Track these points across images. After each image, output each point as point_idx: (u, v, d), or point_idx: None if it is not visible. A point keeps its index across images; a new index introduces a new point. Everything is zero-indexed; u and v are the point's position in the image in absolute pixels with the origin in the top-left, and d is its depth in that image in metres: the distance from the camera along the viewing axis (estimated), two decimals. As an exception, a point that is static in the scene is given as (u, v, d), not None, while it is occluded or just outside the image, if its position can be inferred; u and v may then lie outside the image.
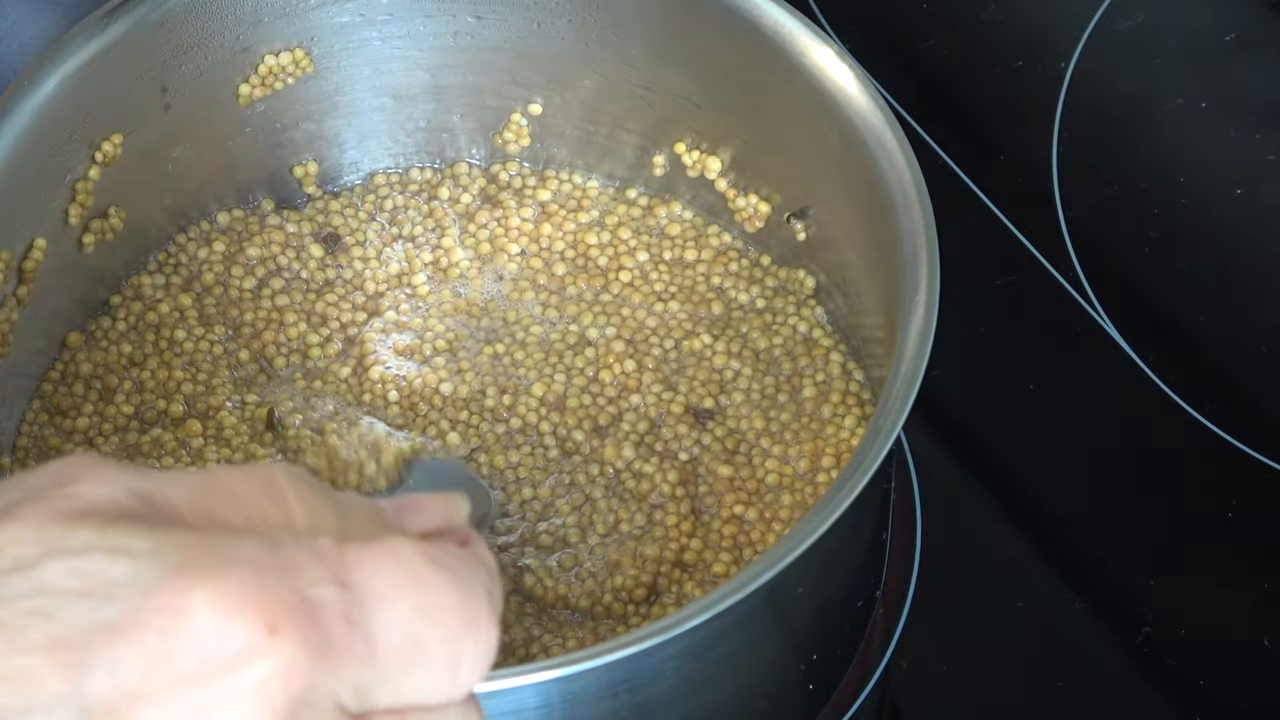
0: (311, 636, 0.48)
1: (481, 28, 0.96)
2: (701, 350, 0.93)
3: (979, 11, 1.14)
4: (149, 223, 0.95)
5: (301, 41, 0.95)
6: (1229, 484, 0.97)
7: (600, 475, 0.89)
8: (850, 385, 0.91)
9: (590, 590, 0.86)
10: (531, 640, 0.85)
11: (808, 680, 0.87)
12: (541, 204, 0.98)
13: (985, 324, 1.02)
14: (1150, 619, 0.94)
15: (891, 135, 0.85)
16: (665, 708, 0.79)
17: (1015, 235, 1.05)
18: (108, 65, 0.89)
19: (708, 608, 0.73)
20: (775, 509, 0.88)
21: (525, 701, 0.75)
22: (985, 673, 0.94)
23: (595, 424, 0.91)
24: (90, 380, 0.93)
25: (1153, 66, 1.11)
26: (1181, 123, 1.10)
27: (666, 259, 0.96)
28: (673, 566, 0.87)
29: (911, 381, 0.78)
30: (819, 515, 0.75)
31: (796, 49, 0.89)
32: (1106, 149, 1.08)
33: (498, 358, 0.93)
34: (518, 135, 0.99)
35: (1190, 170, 1.08)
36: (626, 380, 0.92)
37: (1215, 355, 1.02)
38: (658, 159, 0.97)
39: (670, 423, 0.91)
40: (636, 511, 0.88)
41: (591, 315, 0.94)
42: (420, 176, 0.99)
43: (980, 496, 0.99)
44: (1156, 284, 1.04)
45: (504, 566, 0.87)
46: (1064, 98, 1.09)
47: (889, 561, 0.93)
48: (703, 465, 0.90)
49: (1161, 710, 0.93)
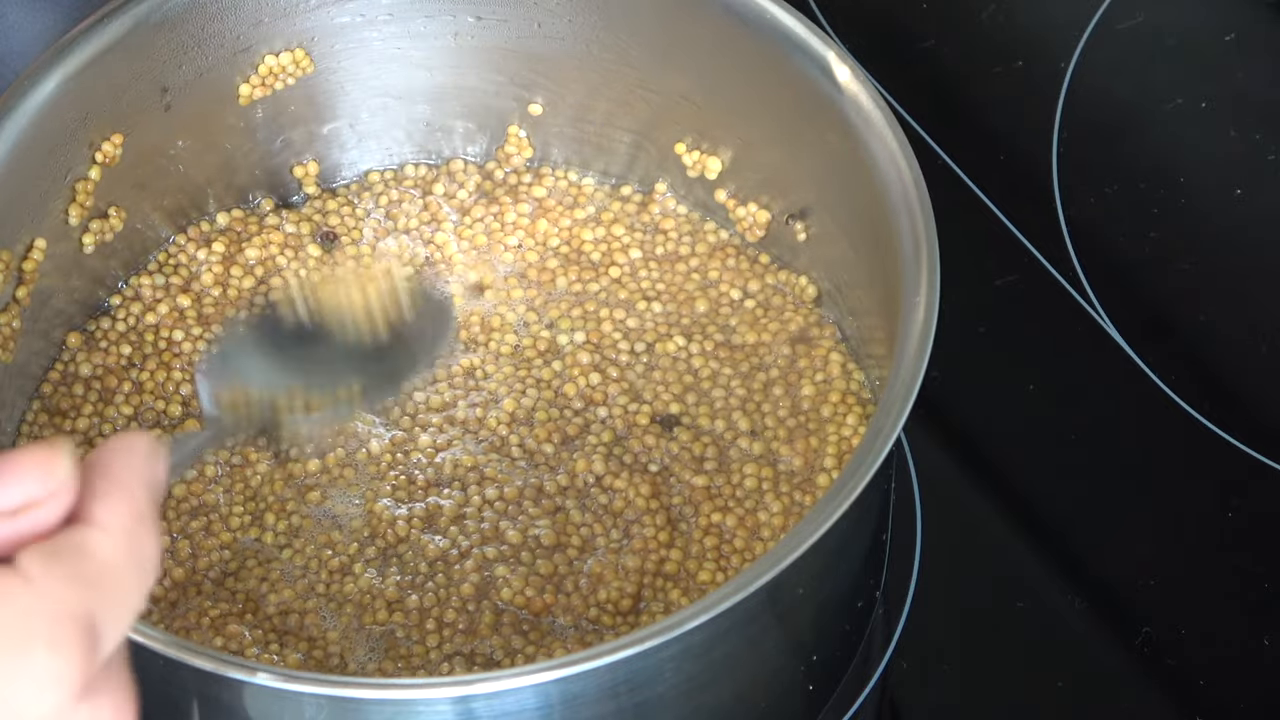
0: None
1: (481, 28, 0.96)
2: (675, 353, 0.93)
3: (979, 11, 1.14)
4: (149, 223, 0.95)
5: (301, 41, 0.95)
6: (1229, 484, 0.97)
7: (571, 487, 0.89)
8: (850, 385, 0.91)
9: (574, 605, 0.86)
10: (514, 652, 0.85)
11: (808, 681, 0.87)
12: (538, 200, 0.98)
13: (985, 324, 1.02)
14: (1150, 619, 0.94)
15: (891, 135, 0.85)
16: (665, 708, 0.79)
17: (1015, 235, 1.05)
18: (108, 65, 0.89)
19: (708, 608, 0.73)
20: (755, 514, 0.88)
21: (525, 702, 0.75)
22: (985, 673, 0.94)
23: (564, 435, 0.91)
24: (90, 381, 0.93)
25: (1153, 66, 1.11)
26: (1181, 123, 1.10)
27: (658, 254, 0.96)
28: (655, 576, 0.87)
29: (912, 381, 0.78)
30: (819, 515, 0.75)
31: (797, 49, 0.89)
32: (1106, 149, 1.08)
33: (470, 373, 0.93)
34: (519, 147, 0.99)
35: (1190, 170, 1.08)
36: (592, 394, 0.92)
37: (1215, 355, 1.02)
38: (657, 158, 0.97)
39: (637, 434, 0.91)
40: (612, 527, 0.88)
41: (569, 321, 0.94)
42: (415, 173, 0.99)
43: (980, 496, 0.99)
44: (1156, 284, 1.04)
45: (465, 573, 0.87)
46: (1064, 98, 1.09)
47: (889, 561, 0.93)
48: (674, 475, 0.90)
49: (1161, 710, 0.93)
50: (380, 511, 0.89)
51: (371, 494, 0.90)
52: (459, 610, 0.86)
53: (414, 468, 0.90)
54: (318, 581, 0.87)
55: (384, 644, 0.86)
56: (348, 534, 0.89)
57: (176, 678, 0.77)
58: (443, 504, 0.89)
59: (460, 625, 0.86)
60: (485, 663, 0.85)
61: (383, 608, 0.86)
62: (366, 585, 0.87)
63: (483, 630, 0.86)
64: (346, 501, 0.90)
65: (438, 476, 0.90)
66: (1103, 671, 0.93)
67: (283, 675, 0.75)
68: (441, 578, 0.87)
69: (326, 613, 0.87)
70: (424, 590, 0.87)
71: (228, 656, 0.75)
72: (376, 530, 0.88)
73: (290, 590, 0.87)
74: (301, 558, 0.88)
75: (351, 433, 0.91)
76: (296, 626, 0.86)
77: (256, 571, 0.88)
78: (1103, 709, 0.92)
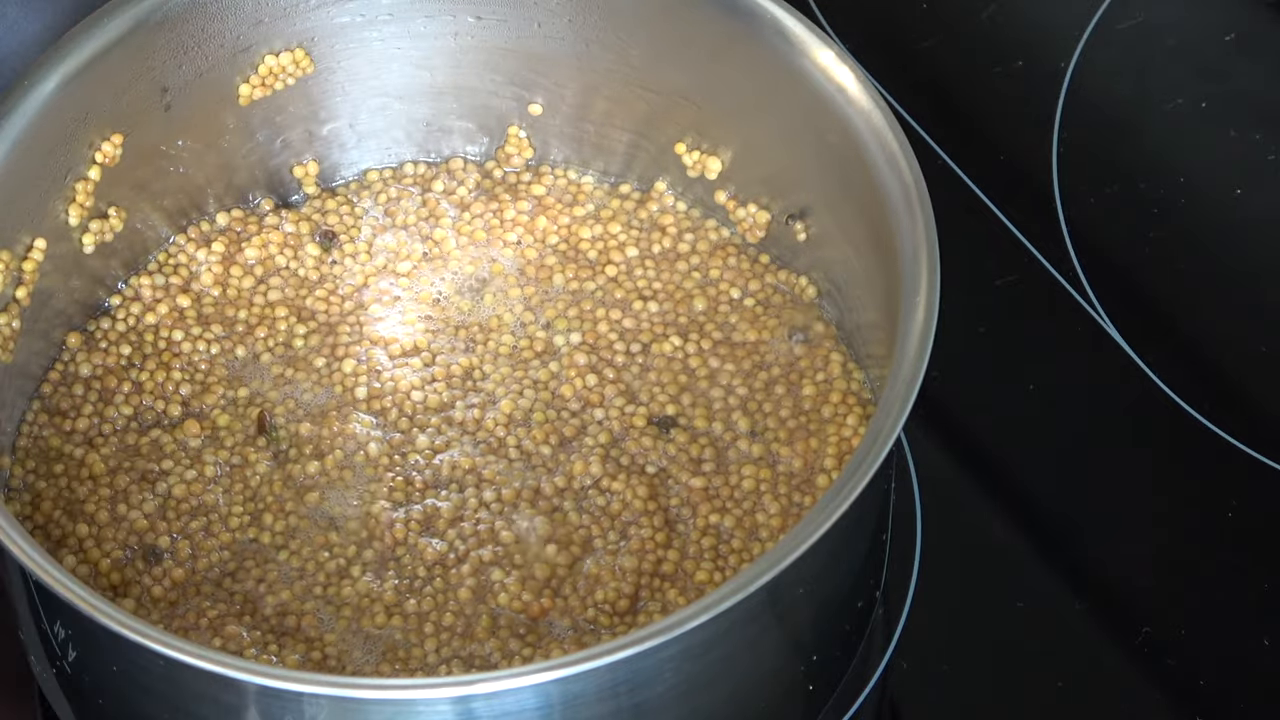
0: None
1: (481, 28, 0.96)
2: (672, 353, 0.93)
3: (979, 11, 1.14)
4: (149, 223, 0.95)
5: (301, 41, 0.95)
6: (1229, 484, 0.97)
7: (568, 489, 0.89)
8: (851, 385, 0.91)
9: (572, 606, 0.86)
10: (512, 654, 0.85)
11: (808, 681, 0.87)
12: (537, 198, 0.98)
13: (985, 324, 1.02)
14: (1150, 619, 0.94)
15: (891, 135, 0.85)
16: (665, 709, 0.79)
17: (1015, 235, 1.05)
18: (108, 65, 0.89)
19: (708, 608, 0.73)
20: (754, 515, 0.88)
21: (525, 702, 0.75)
22: (985, 673, 0.94)
23: (561, 437, 0.91)
24: (90, 381, 0.93)
25: (1153, 66, 1.11)
26: (1181, 123, 1.10)
27: (655, 253, 0.96)
28: (652, 577, 0.87)
29: (912, 381, 0.78)
30: (819, 515, 0.75)
31: (796, 49, 0.89)
32: (1106, 149, 1.08)
33: (468, 372, 0.93)
34: (519, 148, 0.99)
35: (1190, 170, 1.08)
36: (589, 395, 0.92)
37: (1215, 355, 1.02)
38: (656, 158, 0.97)
39: (634, 435, 0.91)
40: (609, 529, 0.88)
41: (566, 321, 0.94)
42: (414, 171, 0.99)
43: (980, 496, 0.99)
44: (1156, 284, 1.04)
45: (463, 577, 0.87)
46: (1064, 98, 1.09)
47: (889, 561, 0.93)
48: (671, 477, 0.90)
49: (1161, 710, 0.93)
50: (378, 514, 0.89)
51: (369, 496, 0.90)
52: (457, 614, 0.86)
53: (412, 469, 0.90)
54: (316, 583, 0.87)
55: (382, 646, 0.86)
56: (345, 536, 0.89)
57: (176, 677, 0.77)
58: (440, 506, 0.89)
59: (458, 629, 0.86)
60: (483, 665, 0.85)
61: (381, 611, 0.86)
62: (365, 588, 0.87)
63: (480, 633, 0.86)
64: (344, 503, 0.90)
65: (435, 479, 0.90)
66: (1103, 671, 0.93)
67: (282, 675, 0.75)
68: (440, 582, 0.87)
69: (325, 614, 0.87)
70: (422, 595, 0.87)
71: (227, 657, 0.75)
72: (374, 533, 0.88)
73: (288, 591, 0.87)
74: (299, 559, 0.88)
75: (350, 434, 0.91)
76: (294, 627, 0.86)
77: (255, 572, 0.88)
78: (1103, 709, 0.92)
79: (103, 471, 0.90)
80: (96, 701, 0.84)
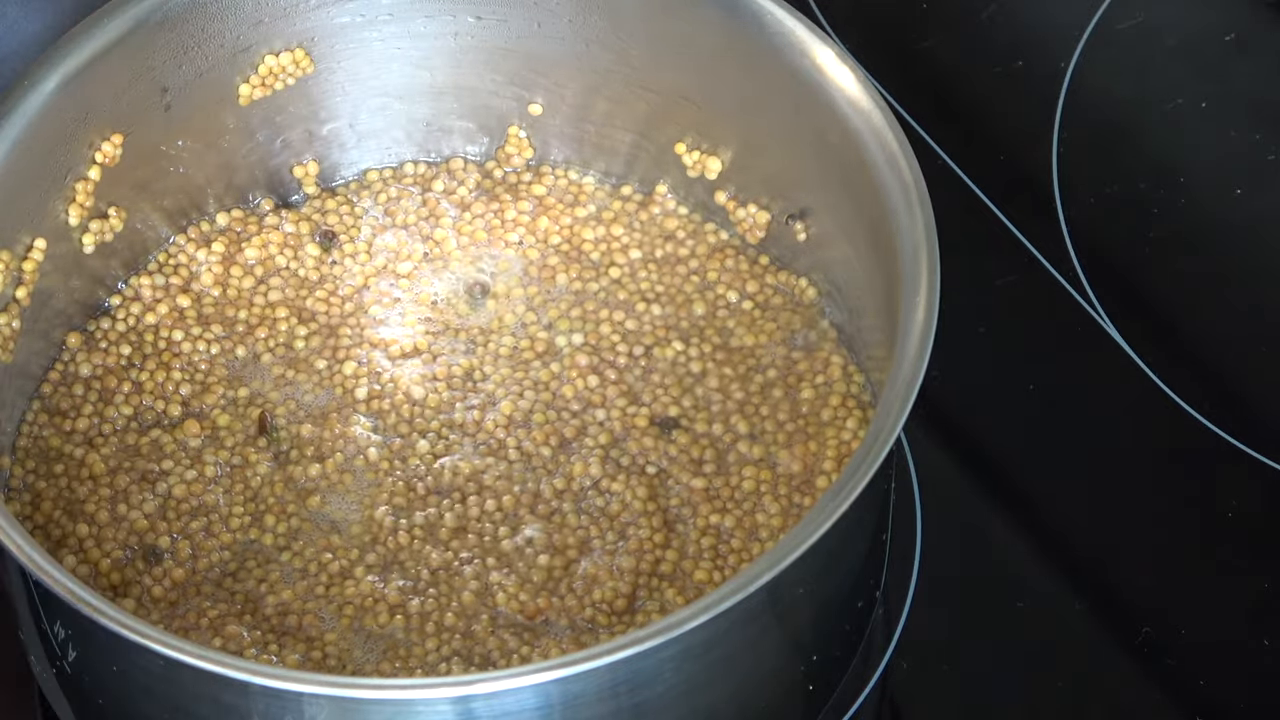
0: None
1: (481, 28, 0.96)
2: (674, 356, 0.93)
3: (979, 11, 1.14)
4: (149, 223, 0.95)
5: (301, 41, 0.95)
6: (1229, 484, 0.97)
7: (568, 490, 0.89)
8: (851, 388, 0.91)
9: (569, 606, 0.86)
10: (510, 653, 0.85)
11: (808, 681, 0.87)
12: (538, 198, 0.98)
13: (985, 324, 1.02)
14: (1150, 619, 0.94)
15: (891, 135, 0.85)
16: (665, 709, 0.79)
17: (1015, 235, 1.05)
18: (108, 65, 0.89)
19: (708, 608, 0.73)
20: (754, 515, 0.88)
21: (525, 702, 0.75)
22: (985, 673, 0.94)
23: (562, 438, 0.91)
24: (90, 381, 0.93)
25: (1153, 66, 1.11)
26: (1181, 123, 1.10)
27: (658, 256, 0.96)
28: (650, 576, 0.87)
29: (912, 382, 0.78)
30: (819, 515, 0.75)
31: (796, 49, 0.89)
32: (1106, 149, 1.08)
33: (468, 373, 0.93)
34: (519, 148, 0.99)
35: (1190, 170, 1.08)
36: (590, 396, 0.92)
37: (1215, 355, 1.02)
38: (657, 158, 0.97)
39: (635, 436, 0.91)
40: (609, 529, 0.88)
41: (569, 322, 0.94)
42: (415, 171, 1.00)
43: (980, 496, 0.99)
44: (1156, 284, 1.04)
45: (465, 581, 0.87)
46: (1064, 98, 1.09)
47: (889, 561, 0.93)
48: (671, 478, 0.90)
49: (1161, 710, 0.93)
50: (380, 519, 0.89)
51: (370, 501, 0.90)
52: (458, 615, 0.86)
53: (413, 475, 0.90)
54: (317, 584, 0.87)
55: (382, 645, 0.86)
56: (347, 539, 0.89)
57: (176, 677, 0.77)
58: (444, 515, 0.89)
59: (459, 629, 0.86)
60: (482, 664, 0.85)
61: (384, 610, 0.86)
62: (368, 589, 0.87)
63: (479, 633, 0.86)
64: (345, 508, 0.90)
65: (437, 485, 0.90)
66: (1103, 671, 0.93)
67: (282, 675, 0.75)
68: (444, 586, 0.87)
69: (325, 614, 0.87)
70: (425, 596, 0.87)
71: (227, 657, 0.75)
72: (377, 537, 0.88)
73: (289, 591, 0.87)
74: (300, 560, 0.88)
75: (351, 437, 0.91)
76: (295, 627, 0.86)
77: (256, 572, 0.88)
78: (1103, 709, 0.92)
79: (103, 471, 0.90)
80: (96, 701, 0.84)
